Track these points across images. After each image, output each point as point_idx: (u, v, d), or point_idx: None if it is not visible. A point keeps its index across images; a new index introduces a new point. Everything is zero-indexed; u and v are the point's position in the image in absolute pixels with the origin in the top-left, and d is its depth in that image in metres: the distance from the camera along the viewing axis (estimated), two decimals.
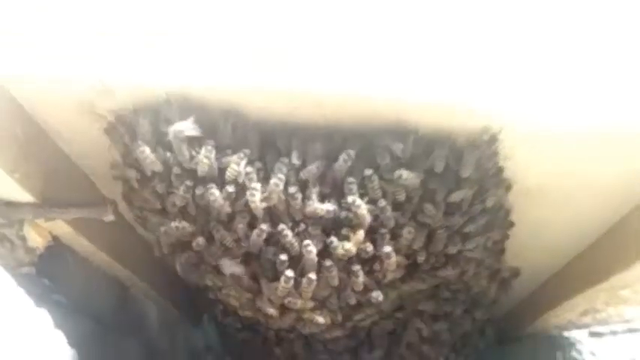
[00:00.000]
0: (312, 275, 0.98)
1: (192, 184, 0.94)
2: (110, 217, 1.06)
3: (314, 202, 0.94)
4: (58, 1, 0.84)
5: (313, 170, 0.93)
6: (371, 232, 0.97)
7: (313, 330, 1.15)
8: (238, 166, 0.92)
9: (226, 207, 0.94)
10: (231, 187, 0.93)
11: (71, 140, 1.03)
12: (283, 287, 0.99)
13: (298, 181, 0.94)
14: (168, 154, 0.93)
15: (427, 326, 1.38)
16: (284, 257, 0.98)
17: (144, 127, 0.93)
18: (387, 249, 0.98)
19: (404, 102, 0.86)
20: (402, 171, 0.93)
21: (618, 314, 1.28)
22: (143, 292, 1.48)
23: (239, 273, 1.04)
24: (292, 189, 0.93)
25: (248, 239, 0.97)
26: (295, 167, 0.93)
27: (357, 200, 0.93)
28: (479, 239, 1.07)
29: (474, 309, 1.42)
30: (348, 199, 0.93)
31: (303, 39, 0.82)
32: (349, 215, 0.94)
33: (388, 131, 0.92)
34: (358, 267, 0.99)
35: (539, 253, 1.31)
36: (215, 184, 0.94)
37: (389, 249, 0.98)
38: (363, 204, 0.94)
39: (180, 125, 0.91)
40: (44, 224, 1.06)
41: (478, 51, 0.81)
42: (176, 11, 0.84)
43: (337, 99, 0.87)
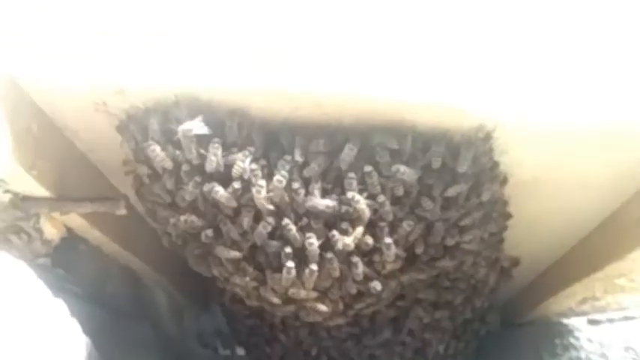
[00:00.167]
0: (313, 266, 1.01)
1: (200, 180, 0.97)
2: (122, 212, 1.09)
3: (316, 198, 0.96)
4: (58, 1, 0.85)
5: (315, 167, 0.96)
6: (371, 226, 1.00)
7: (316, 318, 1.17)
8: (244, 163, 0.95)
9: (232, 202, 0.97)
10: (237, 184, 0.95)
11: (85, 137, 1.05)
12: (286, 278, 1.02)
13: (301, 178, 0.96)
14: (177, 152, 0.96)
15: (428, 314, 1.40)
16: (288, 250, 1.01)
17: (154, 126, 0.95)
18: (388, 240, 1.00)
19: (403, 102, 0.88)
20: (400, 166, 0.95)
21: (616, 302, 1.32)
22: (154, 281, 1.51)
23: (234, 257, 1.06)
24: (295, 185, 0.95)
25: (253, 232, 1.00)
26: (298, 164, 0.96)
27: (357, 196, 0.95)
28: (475, 232, 1.09)
29: (474, 297, 1.45)
30: (348, 195, 0.96)
31: (303, 39, 0.84)
32: (349, 210, 0.97)
33: (387, 130, 0.94)
34: (358, 259, 1.02)
35: (537, 244, 1.33)
36: (219, 182, 0.96)
37: (389, 240, 1.00)
38: (362, 199, 0.96)
39: (189, 124, 0.93)
40: (59, 217, 1.08)
41: (472, 56, 0.84)
42: (176, 11, 0.85)
43: (337, 99, 0.89)
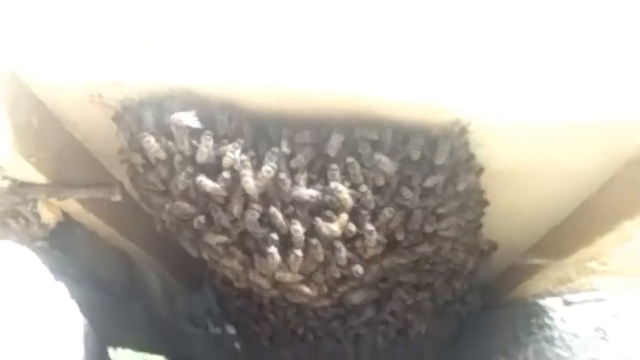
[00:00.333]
0: (298, 252, 1.05)
1: (192, 171, 1.00)
2: (117, 197, 1.12)
3: (301, 188, 1.00)
4: (58, 1, 0.87)
5: (302, 159, 0.99)
6: (354, 214, 1.03)
7: (302, 300, 1.21)
8: (234, 155, 0.98)
9: (222, 191, 1.00)
10: (227, 173, 0.99)
11: (83, 128, 1.08)
12: (272, 262, 1.06)
13: (288, 169, 1.00)
14: (170, 144, 0.99)
15: (410, 295, 1.44)
16: (274, 236, 1.05)
17: (148, 118, 0.98)
18: (370, 227, 1.04)
19: (385, 99, 0.92)
20: (381, 156, 0.99)
21: (588, 283, 1.36)
22: (147, 264, 1.54)
23: (223, 241, 1.10)
24: (282, 175, 0.99)
25: (243, 219, 1.04)
26: (285, 155, 0.99)
27: (339, 186, 0.99)
28: (452, 219, 1.13)
29: (454, 279, 1.47)
30: (331, 185, 0.99)
31: (298, 40, 0.87)
32: (332, 199, 1.00)
33: (370, 124, 0.98)
34: (341, 244, 1.06)
35: (514, 230, 1.36)
36: (211, 172, 1.00)
37: (371, 227, 1.04)
38: (345, 189, 0.99)
39: (180, 114, 0.96)
40: (56, 202, 1.11)
41: (449, 56, 0.88)
42: (176, 11, 0.87)
43: (327, 97, 0.92)
